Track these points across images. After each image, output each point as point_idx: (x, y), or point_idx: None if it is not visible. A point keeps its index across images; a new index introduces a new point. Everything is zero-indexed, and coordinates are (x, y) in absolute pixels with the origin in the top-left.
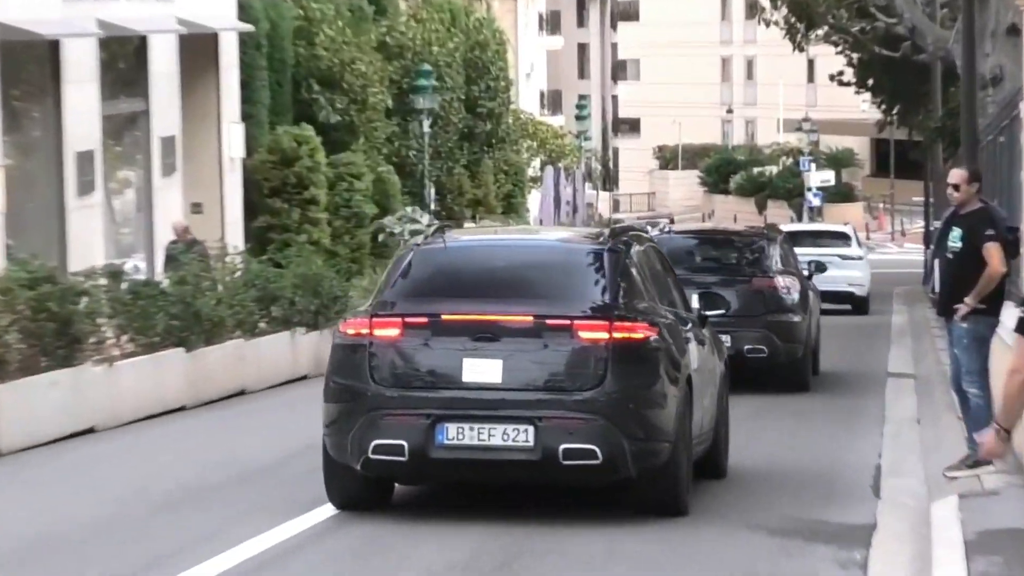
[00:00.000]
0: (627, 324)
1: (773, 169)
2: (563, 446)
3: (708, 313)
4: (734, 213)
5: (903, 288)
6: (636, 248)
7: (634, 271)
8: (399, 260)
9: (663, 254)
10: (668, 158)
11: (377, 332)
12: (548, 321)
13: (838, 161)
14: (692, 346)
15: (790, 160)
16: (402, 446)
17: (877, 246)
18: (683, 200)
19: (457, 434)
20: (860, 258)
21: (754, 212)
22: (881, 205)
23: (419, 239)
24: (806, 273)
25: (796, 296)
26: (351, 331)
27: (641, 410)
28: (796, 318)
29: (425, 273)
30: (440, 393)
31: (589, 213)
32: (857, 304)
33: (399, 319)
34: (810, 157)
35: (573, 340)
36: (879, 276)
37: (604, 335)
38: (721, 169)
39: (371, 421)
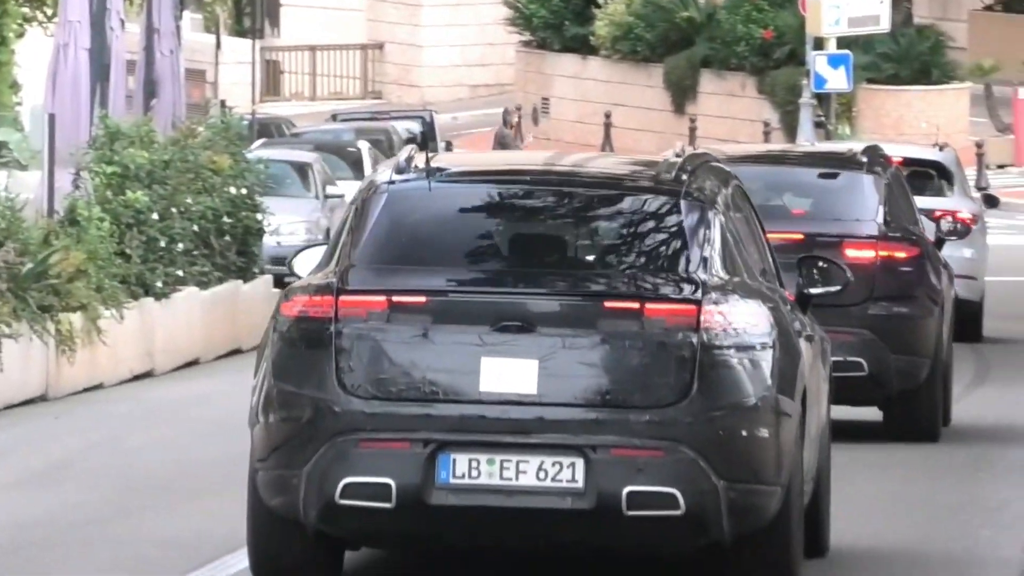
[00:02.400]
0: (723, 308)
1: None
2: (628, 488)
3: (814, 291)
4: (606, 109)
5: None
6: (724, 192)
7: (726, 228)
8: (366, 207)
9: (750, 199)
10: None
11: (347, 315)
12: (607, 303)
13: None
14: (803, 343)
15: None
16: (388, 487)
17: (1012, 206)
18: (459, 70)
19: (470, 469)
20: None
21: (662, 106)
22: (1021, 90)
23: (384, 173)
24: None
25: (922, 275)
26: (306, 312)
27: (744, 437)
28: (919, 312)
29: (411, 227)
30: (445, 409)
31: (193, 101)
32: (965, 320)
33: (383, 296)
34: None
35: (645, 331)
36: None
37: (690, 324)
38: None
39: (340, 450)
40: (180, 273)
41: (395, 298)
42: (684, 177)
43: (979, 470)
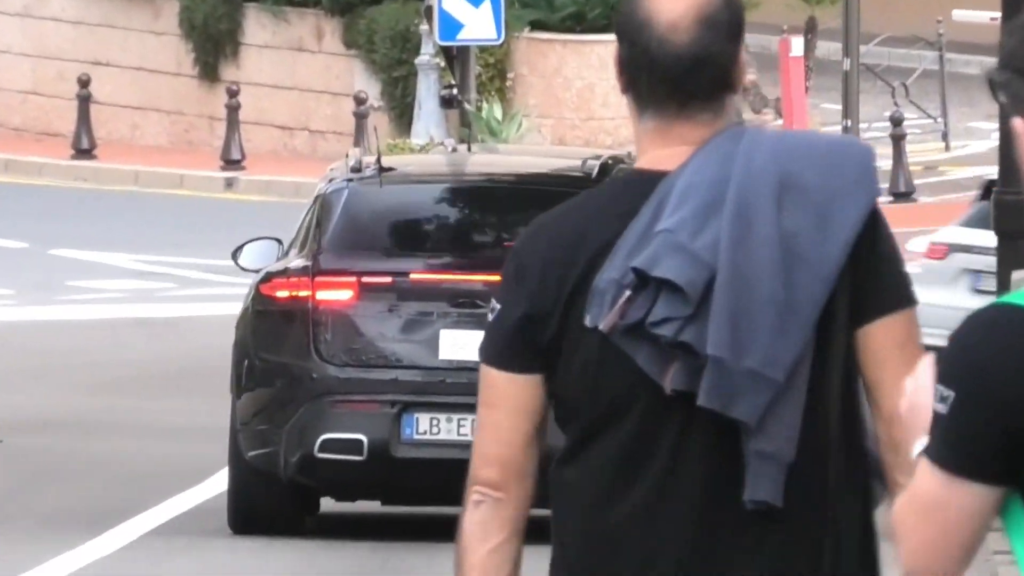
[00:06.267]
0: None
1: None
2: None
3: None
4: (81, 72)
5: None
6: None
7: None
8: (329, 202)
9: None
10: None
11: (322, 295)
12: None
13: None
14: None
15: None
16: (359, 442)
17: None
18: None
19: (431, 427)
20: None
21: (179, 67)
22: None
23: (339, 173)
24: None
25: None
26: (283, 293)
27: None
28: None
29: (371, 219)
30: (409, 374)
31: None
32: None
33: (353, 278)
34: None
35: None
36: None
37: None
38: None
39: (318, 410)
40: None
41: (364, 279)
42: (597, 175)
43: None
